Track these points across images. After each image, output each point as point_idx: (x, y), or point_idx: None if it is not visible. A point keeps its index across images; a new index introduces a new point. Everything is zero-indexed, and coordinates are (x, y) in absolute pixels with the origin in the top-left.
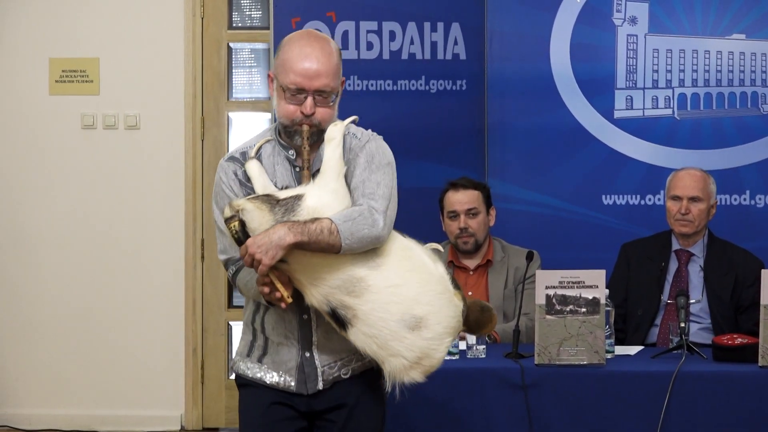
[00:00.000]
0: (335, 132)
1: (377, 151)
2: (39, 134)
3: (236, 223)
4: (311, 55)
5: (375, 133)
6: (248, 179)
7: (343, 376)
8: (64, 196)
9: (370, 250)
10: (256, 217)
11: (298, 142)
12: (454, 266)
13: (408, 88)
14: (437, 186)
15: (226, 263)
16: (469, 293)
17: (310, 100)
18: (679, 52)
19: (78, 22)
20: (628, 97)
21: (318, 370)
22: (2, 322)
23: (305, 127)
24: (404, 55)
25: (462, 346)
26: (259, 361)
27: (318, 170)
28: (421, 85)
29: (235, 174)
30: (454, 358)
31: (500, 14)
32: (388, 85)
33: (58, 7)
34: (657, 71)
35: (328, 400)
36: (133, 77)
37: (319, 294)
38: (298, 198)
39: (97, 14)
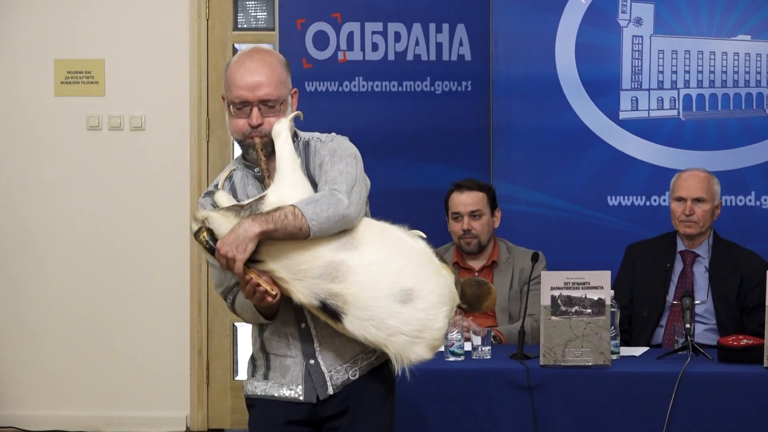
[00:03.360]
0: (281, 127)
1: (339, 146)
2: (44, 136)
3: (204, 234)
4: (251, 67)
5: (338, 135)
6: None
7: (351, 378)
8: (69, 197)
9: (344, 233)
10: (223, 223)
11: (253, 156)
12: (459, 267)
13: (413, 89)
14: (442, 187)
15: (225, 295)
16: None
17: (255, 111)
18: (685, 53)
19: (83, 24)
20: (634, 98)
21: (325, 375)
22: (9, 324)
23: (257, 140)
24: (409, 56)
25: (467, 347)
26: (265, 378)
27: None
28: (426, 86)
29: (213, 207)
30: (459, 359)
31: (505, 15)
32: (393, 86)
33: (63, 9)
34: (662, 72)
35: (334, 405)
36: (138, 78)
37: (304, 289)
38: (260, 198)
39: (103, 16)
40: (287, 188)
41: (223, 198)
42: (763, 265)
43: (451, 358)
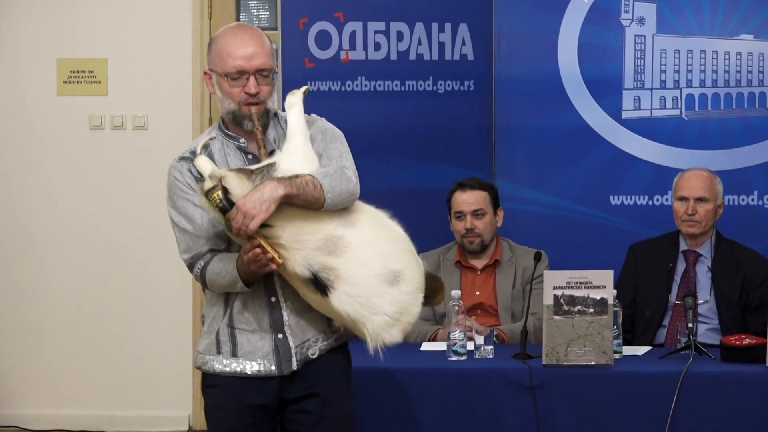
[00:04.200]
0: (295, 99)
1: (327, 126)
2: (47, 135)
3: (219, 192)
4: (246, 38)
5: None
6: (201, 176)
7: (311, 356)
8: (71, 197)
9: (344, 210)
10: (238, 184)
11: (248, 126)
12: (462, 266)
13: (416, 88)
14: (444, 186)
15: (192, 261)
16: (477, 293)
17: (252, 80)
18: (687, 53)
19: (86, 23)
20: (636, 98)
21: (292, 350)
22: (11, 323)
23: (253, 109)
24: (412, 56)
25: (470, 346)
26: (233, 354)
27: (273, 151)
28: (428, 85)
29: (190, 171)
30: (462, 358)
31: (508, 15)
32: (396, 85)
33: (65, 8)
34: (665, 72)
35: (299, 387)
36: (140, 78)
37: (301, 258)
38: (270, 166)
39: (105, 15)
40: (299, 159)
41: (205, 164)
42: (765, 264)
43: (454, 358)
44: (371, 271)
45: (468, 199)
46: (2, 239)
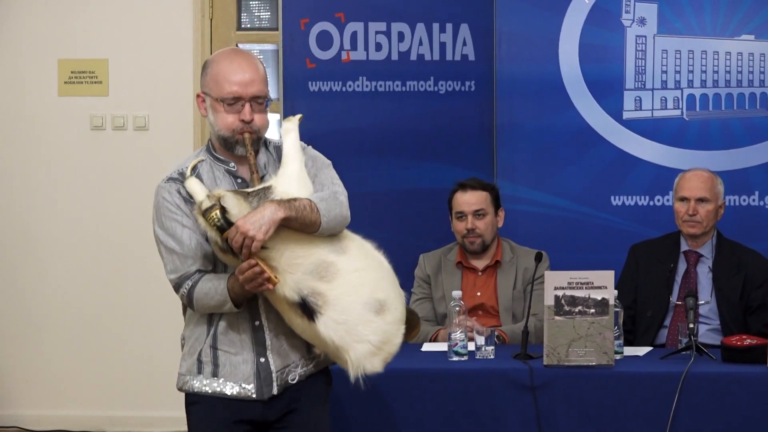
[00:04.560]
0: (291, 125)
1: (317, 154)
2: (48, 135)
3: (218, 211)
4: (242, 64)
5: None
6: (191, 197)
7: (290, 382)
8: (72, 197)
9: (335, 237)
10: (236, 204)
11: (241, 152)
12: (463, 267)
13: (417, 89)
14: (446, 187)
15: (179, 281)
16: (478, 294)
17: (248, 107)
18: (688, 53)
19: (87, 24)
20: (637, 98)
21: (273, 374)
22: (12, 324)
23: (247, 135)
24: (413, 56)
25: (471, 347)
26: (214, 375)
27: (263, 176)
28: (429, 86)
29: (179, 192)
30: (463, 359)
31: (509, 15)
32: (397, 86)
33: (66, 9)
34: (666, 72)
35: (279, 408)
36: (141, 78)
37: (292, 282)
38: (267, 189)
39: (106, 15)
40: (294, 184)
41: (196, 185)
42: (766, 264)
43: (455, 358)
44: (359, 299)
45: (469, 200)
46: (3, 239)
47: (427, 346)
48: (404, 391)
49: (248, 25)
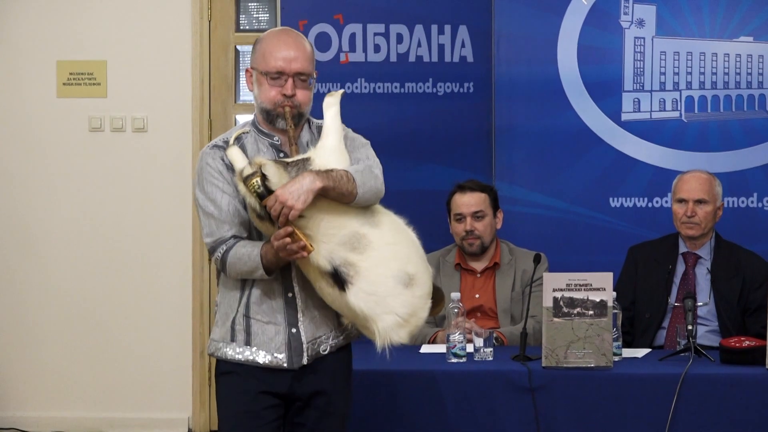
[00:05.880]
0: (333, 100)
1: (356, 135)
2: (46, 137)
3: (258, 179)
4: (288, 42)
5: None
6: (232, 166)
7: (322, 353)
8: (71, 199)
9: (369, 211)
10: (276, 173)
11: (282, 125)
12: (461, 268)
13: (415, 90)
14: (444, 189)
15: (214, 245)
16: (477, 295)
17: (290, 82)
18: (687, 55)
19: (85, 25)
20: (636, 100)
21: (304, 345)
22: (11, 325)
23: (287, 109)
24: (411, 58)
25: (469, 348)
26: (247, 343)
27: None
28: (428, 87)
29: (222, 159)
30: (461, 361)
31: (507, 17)
32: (396, 87)
33: (65, 10)
34: (664, 74)
35: (309, 383)
36: (140, 80)
37: (325, 251)
38: (306, 160)
39: (105, 17)
40: (332, 156)
41: (237, 154)
42: (765, 266)
43: (453, 360)
44: (389, 271)
45: (468, 201)
46: (2, 241)
47: (425, 348)
48: (403, 392)
49: (247, 27)
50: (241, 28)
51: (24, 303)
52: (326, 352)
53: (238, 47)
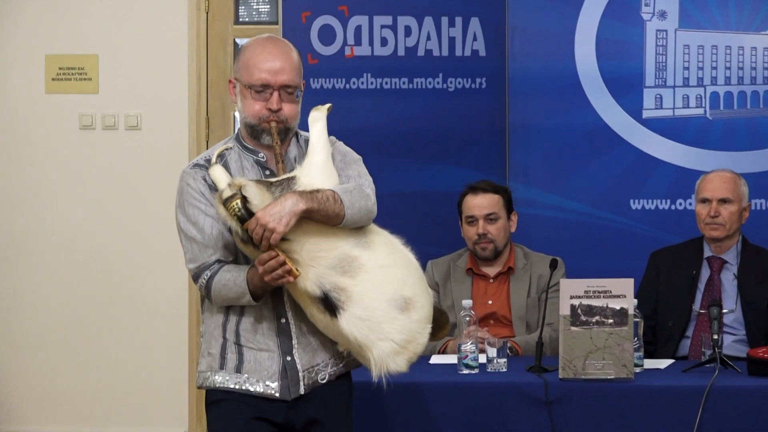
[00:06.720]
0: (319, 114)
1: (347, 149)
2: (35, 135)
3: (238, 201)
4: (274, 52)
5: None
6: (215, 185)
7: (320, 381)
8: (61, 199)
9: (360, 232)
10: (258, 194)
11: (267, 141)
12: (473, 274)
13: (424, 86)
14: (455, 190)
15: (198, 271)
16: (490, 302)
17: (276, 96)
18: (712, 48)
19: (76, 17)
20: (658, 96)
21: (299, 374)
22: (1, 336)
23: (273, 124)
24: (420, 52)
25: (482, 359)
26: (238, 371)
27: (292, 170)
28: (438, 83)
29: (204, 179)
30: (473, 372)
31: (522, 9)
32: (404, 83)
33: (54, 2)
34: (688, 68)
35: (305, 412)
36: (133, 75)
37: (314, 276)
38: (291, 179)
39: (96, 9)
40: (319, 174)
41: (220, 173)
42: None
43: (465, 371)
44: (383, 296)
45: (480, 203)
46: None
47: (435, 359)
48: (412, 405)
49: (246, 19)
50: (241, 20)
51: (13, 309)
52: (324, 381)
53: (237, 40)
